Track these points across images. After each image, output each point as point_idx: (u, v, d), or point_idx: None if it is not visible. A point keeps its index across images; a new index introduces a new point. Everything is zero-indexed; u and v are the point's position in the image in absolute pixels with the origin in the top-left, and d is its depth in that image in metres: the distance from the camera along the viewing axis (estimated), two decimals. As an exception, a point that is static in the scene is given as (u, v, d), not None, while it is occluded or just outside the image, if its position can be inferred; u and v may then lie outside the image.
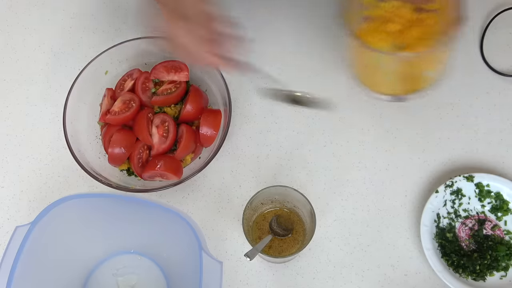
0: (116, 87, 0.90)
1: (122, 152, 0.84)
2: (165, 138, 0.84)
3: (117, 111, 0.86)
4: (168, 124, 0.85)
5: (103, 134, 0.88)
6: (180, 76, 0.88)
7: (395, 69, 0.79)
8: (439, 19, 0.74)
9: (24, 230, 0.69)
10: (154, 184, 0.85)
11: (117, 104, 0.87)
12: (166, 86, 0.88)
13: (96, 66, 0.88)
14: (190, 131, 0.85)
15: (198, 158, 0.87)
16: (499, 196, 0.84)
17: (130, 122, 0.87)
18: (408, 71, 0.80)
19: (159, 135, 0.84)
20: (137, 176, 0.86)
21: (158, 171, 0.83)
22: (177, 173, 0.83)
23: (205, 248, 0.69)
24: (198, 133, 0.86)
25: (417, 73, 0.81)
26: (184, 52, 0.71)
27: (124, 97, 0.87)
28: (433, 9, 0.74)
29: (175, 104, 0.88)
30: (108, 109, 0.87)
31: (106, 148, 0.86)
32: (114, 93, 0.89)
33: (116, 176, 0.85)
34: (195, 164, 0.87)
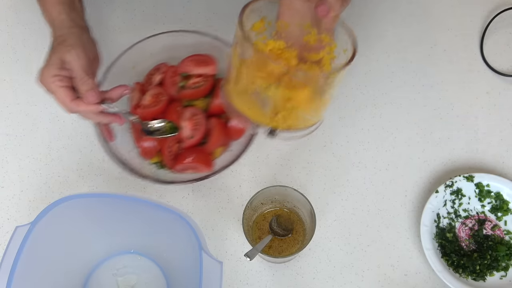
0: (144, 81, 0.90)
1: (154, 145, 0.85)
2: (196, 131, 0.84)
3: (147, 104, 0.86)
4: (199, 117, 0.85)
5: (134, 128, 0.88)
6: (208, 70, 0.88)
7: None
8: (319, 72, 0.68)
9: (24, 230, 0.69)
10: (185, 176, 0.85)
11: (146, 98, 0.87)
12: (194, 79, 0.88)
13: (124, 60, 0.88)
14: (221, 123, 0.85)
15: (228, 151, 0.87)
16: (499, 196, 0.84)
17: (160, 116, 0.87)
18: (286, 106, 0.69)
19: (189, 128, 0.85)
20: (169, 169, 0.86)
21: (190, 163, 0.83)
22: (208, 166, 0.84)
23: (205, 248, 0.69)
24: (227, 126, 0.86)
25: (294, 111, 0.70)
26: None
27: (153, 91, 0.87)
28: (316, 60, 0.68)
29: (203, 97, 0.88)
30: (138, 103, 0.87)
31: (137, 141, 0.87)
32: (143, 87, 0.89)
33: (148, 169, 0.85)
34: (225, 156, 0.87)
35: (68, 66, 0.73)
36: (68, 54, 0.73)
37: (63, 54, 0.73)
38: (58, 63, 0.73)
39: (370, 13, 0.97)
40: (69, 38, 0.75)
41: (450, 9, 0.98)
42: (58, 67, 0.73)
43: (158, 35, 0.88)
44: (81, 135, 0.91)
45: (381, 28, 0.96)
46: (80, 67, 0.73)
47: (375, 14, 0.97)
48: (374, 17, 0.97)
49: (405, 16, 0.97)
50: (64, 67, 0.73)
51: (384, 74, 0.94)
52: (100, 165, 0.89)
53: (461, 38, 0.96)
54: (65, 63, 0.73)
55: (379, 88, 0.93)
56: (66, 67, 0.73)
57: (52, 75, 0.73)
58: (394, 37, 0.96)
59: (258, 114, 0.65)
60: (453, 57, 0.95)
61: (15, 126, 0.93)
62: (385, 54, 0.95)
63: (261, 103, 0.64)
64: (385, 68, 0.94)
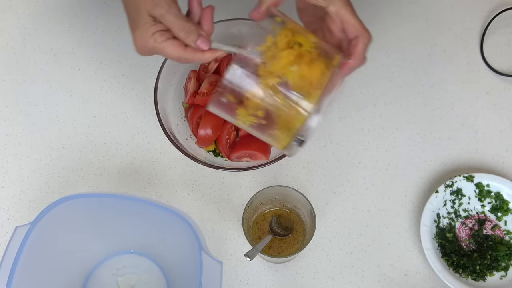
0: (200, 69, 0.90)
1: (211, 133, 0.84)
2: None
3: (206, 92, 0.86)
4: None
5: (190, 116, 0.88)
6: None
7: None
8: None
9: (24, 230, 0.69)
10: (242, 164, 0.85)
11: (204, 86, 0.87)
12: None
13: None
14: None
15: None
16: (499, 196, 0.84)
17: None
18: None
19: None
20: (224, 157, 0.86)
21: (248, 151, 0.83)
22: (266, 153, 0.84)
23: (205, 248, 0.69)
24: None
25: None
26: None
27: (211, 79, 0.87)
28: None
29: None
30: (195, 91, 0.87)
31: (193, 130, 0.87)
32: (199, 75, 0.89)
33: (204, 157, 0.85)
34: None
35: (161, 19, 0.65)
36: (157, 7, 0.64)
37: (151, 10, 0.64)
38: (149, 21, 0.64)
39: (370, 13, 0.97)
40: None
41: (450, 9, 0.98)
42: (151, 24, 0.64)
43: (215, 23, 0.87)
44: (81, 135, 0.91)
45: (381, 28, 0.96)
46: (175, 17, 0.65)
47: (375, 14, 0.97)
48: (374, 17, 0.97)
49: (405, 16, 0.97)
50: (158, 21, 0.65)
51: (384, 74, 0.94)
52: (100, 165, 0.89)
53: (461, 38, 0.96)
54: (156, 18, 0.65)
55: (379, 88, 0.93)
56: (160, 21, 0.65)
57: (151, 34, 0.64)
58: (394, 37, 0.96)
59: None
60: (453, 57, 0.95)
61: (15, 126, 0.93)
62: (385, 54, 0.95)
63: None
64: (385, 68, 0.94)
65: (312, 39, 0.64)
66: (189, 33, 0.65)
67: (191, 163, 0.88)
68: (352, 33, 0.65)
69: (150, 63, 0.94)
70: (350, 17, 0.65)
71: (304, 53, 0.63)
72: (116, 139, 0.91)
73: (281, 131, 0.65)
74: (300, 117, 0.62)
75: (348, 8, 0.65)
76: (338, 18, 0.65)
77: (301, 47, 0.63)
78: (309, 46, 0.63)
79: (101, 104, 0.93)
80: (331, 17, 0.66)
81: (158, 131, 0.86)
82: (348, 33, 0.66)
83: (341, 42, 0.68)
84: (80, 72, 0.95)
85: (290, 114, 0.63)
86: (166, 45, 0.65)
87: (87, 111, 0.93)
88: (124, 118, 0.92)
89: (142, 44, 0.65)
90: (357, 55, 0.65)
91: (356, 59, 0.66)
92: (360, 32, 0.65)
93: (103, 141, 0.91)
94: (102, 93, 0.94)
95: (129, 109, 0.93)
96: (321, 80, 0.63)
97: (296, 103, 0.62)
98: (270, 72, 0.62)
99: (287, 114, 0.63)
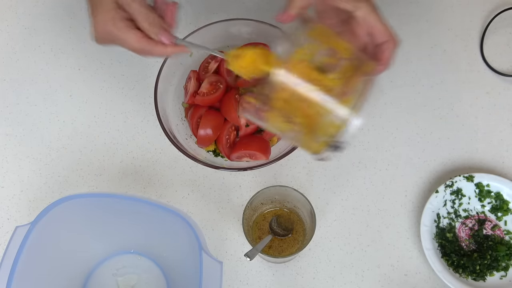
0: (200, 69, 0.90)
1: (211, 133, 0.84)
2: None
3: (205, 92, 0.86)
4: None
5: (190, 116, 0.88)
6: None
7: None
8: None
9: (24, 230, 0.69)
10: (242, 164, 0.85)
11: (204, 86, 0.87)
12: None
13: None
14: None
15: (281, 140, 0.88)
16: (499, 196, 0.84)
17: (217, 104, 0.87)
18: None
19: None
20: (224, 157, 0.86)
21: (248, 150, 0.83)
22: (266, 153, 0.84)
23: (205, 248, 0.69)
24: None
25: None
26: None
27: (211, 79, 0.87)
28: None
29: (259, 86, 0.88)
30: (195, 91, 0.87)
31: (193, 130, 0.87)
32: (199, 75, 0.90)
33: (204, 157, 0.85)
34: (280, 144, 0.87)
35: (126, 7, 0.63)
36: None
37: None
38: (114, 7, 0.62)
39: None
40: None
41: (450, 9, 0.98)
42: (115, 9, 0.62)
43: (214, 23, 0.88)
44: (81, 135, 0.91)
45: (381, 28, 0.96)
46: (140, 5, 0.63)
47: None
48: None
49: (405, 16, 0.97)
50: (122, 8, 0.63)
51: (384, 74, 0.93)
52: (100, 165, 0.89)
53: (461, 38, 0.96)
54: (121, 5, 0.63)
55: (379, 88, 0.93)
56: (124, 8, 0.63)
57: (113, 19, 0.62)
58: (394, 37, 0.96)
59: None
60: (453, 57, 0.95)
61: (15, 126, 0.93)
62: (385, 54, 0.95)
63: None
64: (385, 68, 0.94)
65: (345, 45, 0.64)
66: (153, 25, 0.63)
67: (191, 163, 0.89)
68: (381, 38, 0.65)
69: (150, 63, 0.94)
70: (378, 23, 0.65)
71: (343, 61, 0.63)
72: (116, 139, 0.91)
73: (317, 136, 0.64)
74: (339, 123, 0.62)
75: (376, 13, 0.65)
76: (365, 23, 0.65)
77: (337, 53, 0.63)
78: (345, 52, 0.63)
79: (101, 104, 0.93)
80: (357, 21, 0.65)
81: (158, 131, 0.86)
82: (375, 38, 0.65)
83: (367, 46, 0.67)
84: (80, 72, 0.95)
85: (328, 121, 0.62)
86: (128, 35, 0.63)
87: (87, 111, 0.93)
88: (124, 118, 0.92)
89: (103, 29, 0.63)
90: (385, 60, 0.65)
91: (385, 64, 0.66)
92: (388, 37, 0.65)
93: (103, 141, 0.91)
94: (102, 93, 0.94)
95: (129, 109, 0.93)
96: (357, 86, 0.63)
97: (334, 109, 0.62)
98: (310, 77, 0.61)
99: (324, 120, 0.62)
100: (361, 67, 0.63)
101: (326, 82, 0.61)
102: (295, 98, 0.61)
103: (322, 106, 0.61)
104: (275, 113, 0.63)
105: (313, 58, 0.62)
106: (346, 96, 0.62)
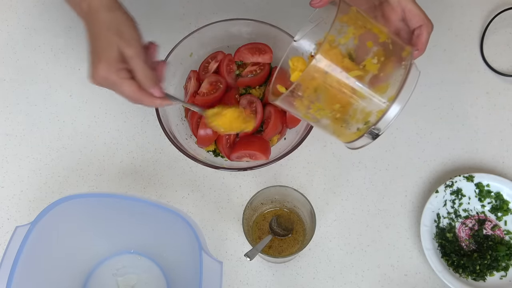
0: (200, 69, 0.90)
1: (211, 133, 0.84)
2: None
3: (205, 92, 0.86)
4: (256, 105, 0.85)
5: (190, 116, 0.88)
6: (264, 58, 0.89)
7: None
8: None
9: (24, 230, 0.69)
10: (242, 164, 0.85)
11: (204, 86, 0.87)
12: (250, 68, 0.89)
13: (181, 48, 0.87)
14: (278, 111, 0.85)
15: (283, 139, 0.88)
16: (499, 196, 0.84)
17: (217, 104, 0.86)
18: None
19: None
20: (224, 157, 0.86)
21: (248, 150, 0.83)
22: (266, 153, 0.84)
23: (205, 248, 0.69)
24: (284, 113, 0.86)
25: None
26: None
27: (211, 79, 0.87)
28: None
29: (259, 86, 0.88)
30: (195, 91, 0.87)
31: (193, 130, 0.87)
32: (199, 75, 0.90)
33: (204, 157, 0.85)
34: (280, 144, 0.87)
35: (129, 60, 0.68)
36: (130, 47, 0.67)
37: (123, 48, 0.67)
38: (118, 57, 0.67)
39: (370, 13, 0.97)
40: (122, 27, 0.67)
41: (450, 9, 0.98)
42: (120, 61, 0.67)
43: (214, 23, 0.88)
44: (81, 135, 0.91)
45: (381, 28, 0.96)
46: (142, 62, 0.68)
47: (375, 14, 0.97)
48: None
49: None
50: (125, 60, 0.68)
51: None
52: (100, 165, 0.89)
53: (461, 38, 0.96)
54: (126, 58, 0.67)
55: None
56: (126, 60, 0.68)
57: (117, 69, 0.67)
58: (394, 37, 0.96)
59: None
60: (453, 57, 0.95)
61: (15, 126, 0.93)
62: (385, 54, 0.95)
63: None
64: (385, 68, 0.94)
65: (381, 28, 0.63)
66: (148, 79, 0.68)
67: (191, 163, 0.89)
68: (416, 22, 0.65)
69: (150, 63, 0.94)
70: (413, 7, 0.65)
71: (381, 45, 0.61)
72: (116, 139, 0.91)
73: (353, 124, 0.63)
74: (378, 110, 0.61)
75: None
76: (400, 7, 0.65)
77: (378, 38, 0.62)
78: (385, 37, 0.62)
79: (101, 104, 0.93)
80: (391, 6, 0.65)
81: (158, 131, 0.86)
82: (410, 23, 0.65)
83: (400, 31, 0.67)
84: (80, 72, 0.95)
85: (367, 107, 0.61)
86: (125, 83, 0.68)
87: (87, 111, 0.93)
88: (124, 118, 0.92)
89: (105, 76, 0.67)
90: (422, 45, 0.65)
91: (422, 49, 0.65)
92: (424, 21, 0.64)
93: (103, 141, 0.91)
94: (102, 93, 0.94)
95: (129, 109, 0.93)
96: (393, 72, 0.61)
97: (374, 96, 0.60)
98: (348, 64, 0.60)
99: (363, 107, 0.61)
100: (398, 52, 0.62)
101: (366, 67, 0.60)
102: (327, 85, 0.60)
103: (360, 93, 0.60)
104: (306, 101, 0.61)
105: (349, 44, 0.61)
106: (384, 82, 0.61)
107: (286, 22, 0.89)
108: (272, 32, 0.87)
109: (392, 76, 0.61)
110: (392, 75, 0.61)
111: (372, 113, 0.61)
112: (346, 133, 0.65)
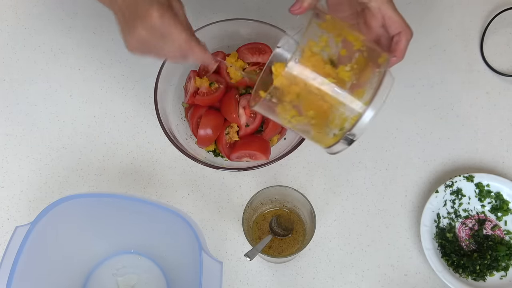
0: (200, 69, 0.90)
1: (211, 133, 0.84)
2: (253, 119, 0.85)
3: (205, 92, 0.86)
4: None
5: (190, 116, 0.88)
6: (264, 58, 0.89)
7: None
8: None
9: (24, 230, 0.69)
10: (242, 164, 0.85)
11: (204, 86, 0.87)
12: (250, 67, 0.88)
13: None
14: None
15: (283, 139, 0.88)
16: (499, 196, 0.84)
17: (217, 104, 0.87)
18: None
19: (246, 116, 0.85)
20: (224, 157, 0.86)
21: (248, 150, 0.83)
22: (266, 153, 0.84)
23: (205, 248, 0.69)
24: None
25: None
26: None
27: (211, 79, 0.87)
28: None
29: None
30: (195, 91, 0.87)
31: (193, 130, 0.87)
32: (199, 75, 0.90)
33: (204, 157, 0.85)
34: (280, 144, 0.87)
35: (176, 11, 0.62)
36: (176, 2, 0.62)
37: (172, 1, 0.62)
38: (165, 4, 0.61)
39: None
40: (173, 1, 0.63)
41: (450, 9, 0.98)
42: (168, 5, 0.61)
43: (214, 23, 0.88)
44: (81, 135, 0.91)
45: (381, 28, 0.96)
46: (184, 15, 0.64)
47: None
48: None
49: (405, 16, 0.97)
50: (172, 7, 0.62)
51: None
52: (100, 165, 0.89)
53: (461, 38, 0.96)
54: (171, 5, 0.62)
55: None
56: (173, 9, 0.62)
57: (162, 17, 0.59)
58: (394, 37, 0.96)
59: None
60: (453, 57, 0.95)
61: (15, 126, 0.93)
62: (385, 54, 0.95)
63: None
64: (385, 68, 0.94)
65: (358, 36, 0.63)
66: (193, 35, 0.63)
67: (191, 163, 0.89)
68: (395, 29, 0.65)
69: (150, 63, 0.93)
70: (392, 14, 0.65)
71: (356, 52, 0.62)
72: (116, 139, 0.91)
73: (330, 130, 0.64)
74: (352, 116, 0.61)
75: (390, 3, 0.65)
76: (380, 14, 0.65)
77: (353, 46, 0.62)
78: (358, 44, 0.62)
79: (101, 104, 0.93)
80: (372, 12, 0.65)
81: (158, 131, 0.86)
82: (389, 29, 0.65)
83: (380, 38, 0.67)
84: (80, 72, 0.95)
85: (341, 113, 0.62)
86: (177, 27, 0.60)
87: (87, 111, 0.93)
88: (124, 118, 0.92)
89: (158, 23, 0.59)
90: (400, 52, 0.65)
91: (400, 56, 0.65)
92: (403, 28, 0.65)
93: (103, 141, 0.91)
94: (102, 93, 0.94)
95: (129, 109, 0.93)
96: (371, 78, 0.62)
97: (348, 102, 0.61)
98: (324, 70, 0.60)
99: (338, 113, 0.62)
100: (374, 59, 0.63)
101: (339, 75, 0.61)
102: (307, 91, 0.61)
103: (334, 99, 0.61)
104: (286, 107, 0.62)
105: (325, 50, 0.61)
106: (359, 88, 0.61)
107: (286, 22, 0.89)
108: (272, 32, 0.87)
109: (367, 83, 0.62)
110: (367, 82, 0.62)
111: (347, 119, 0.62)
112: (324, 139, 0.65)
